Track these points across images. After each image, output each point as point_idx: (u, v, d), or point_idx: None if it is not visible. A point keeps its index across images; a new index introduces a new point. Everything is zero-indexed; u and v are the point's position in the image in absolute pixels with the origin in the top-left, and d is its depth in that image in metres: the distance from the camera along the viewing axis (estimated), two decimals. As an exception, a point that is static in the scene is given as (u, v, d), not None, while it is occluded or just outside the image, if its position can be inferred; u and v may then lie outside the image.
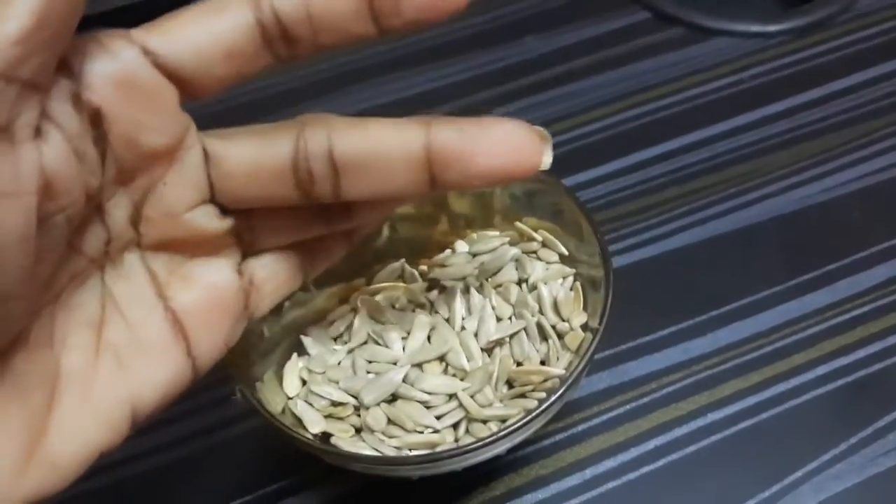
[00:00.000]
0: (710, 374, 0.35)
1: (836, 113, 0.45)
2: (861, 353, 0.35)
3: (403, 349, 0.31)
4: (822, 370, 0.35)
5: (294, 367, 0.31)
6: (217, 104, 0.48)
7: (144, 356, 0.22)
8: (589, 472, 0.33)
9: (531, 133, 0.24)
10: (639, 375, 0.35)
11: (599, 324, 0.28)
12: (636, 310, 0.36)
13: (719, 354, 0.35)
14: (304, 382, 0.31)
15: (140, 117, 0.20)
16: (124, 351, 0.21)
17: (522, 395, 0.29)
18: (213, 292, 0.23)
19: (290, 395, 0.30)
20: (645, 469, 0.33)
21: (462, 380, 0.30)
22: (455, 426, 0.29)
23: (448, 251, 0.34)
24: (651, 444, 0.33)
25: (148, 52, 0.20)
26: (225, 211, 0.23)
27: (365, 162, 0.23)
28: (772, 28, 0.49)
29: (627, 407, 0.34)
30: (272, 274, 0.25)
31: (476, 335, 0.31)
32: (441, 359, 0.30)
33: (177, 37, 0.20)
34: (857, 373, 0.34)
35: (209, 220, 0.23)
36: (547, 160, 0.24)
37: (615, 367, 0.35)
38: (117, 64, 0.20)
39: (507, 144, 0.23)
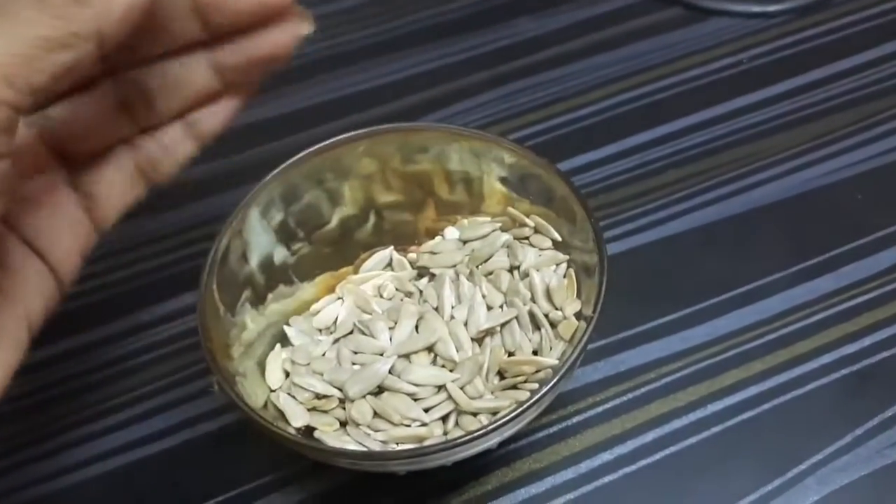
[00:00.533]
0: (709, 364, 0.34)
1: (838, 94, 0.43)
2: (867, 341, 0.34)
3: (390, 339, 0.30)
4: (826, 359, 0.33)
5: (277, 359, 0.30)
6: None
7: (17, 282, 0.24)
8: (584, 466, 0.32)
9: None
10: (636, 365, 0.34)
11: (594, 312, 0.27)
12: (633, 297, 0.35)
13: (719, 343, 0.34)
14: (287, 374, 0.30)
15: None
16: (7, 287, 0.24)
17: (514, 387, 0.28)
18: (52, 212, 0.25)
19: (273, 388, 0.29)
20: (642, 462, 0.31)
21: (451, 371, 0.29)
22: (444, 419, 0.28)
23: (438, 238, 0.33)
24: (649, 437, 0.32)
25: None
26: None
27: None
28: (772, 8, 0.47)
29: (624, 398, 0.33)
30: (109, 187, 0.27)
31: (466, 325, 0.30)
32: (429, 349, 0.29)
33: None
34: (863, 361, 0.33)
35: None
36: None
37: (611, 356, 0.34)
38: None
39: None
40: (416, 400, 0.28)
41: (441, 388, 0.28)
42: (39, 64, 0.20)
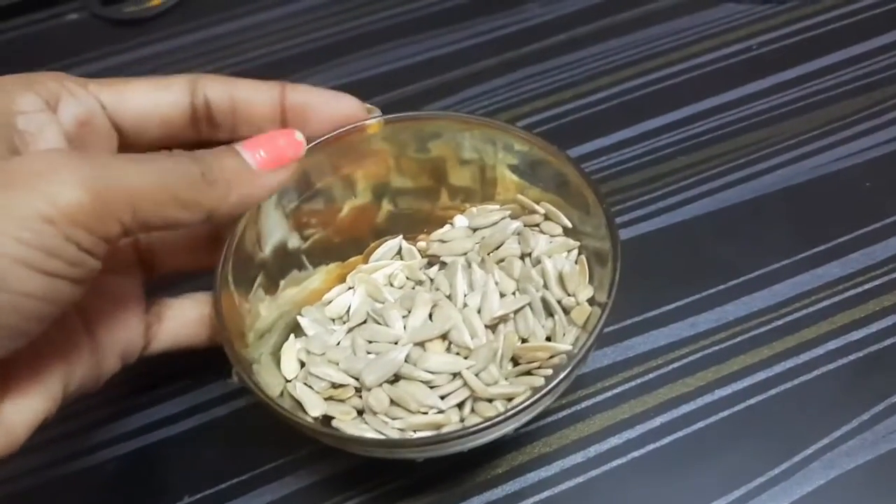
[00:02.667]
0: (718, 350, 0.34)
1: (848, 81, 0.43)
2: (874, 327, 0.34)
3: (404, 328, 0.30)
4: (833, 345, 0.34)
5: (292, 349, 0.30)
6: (230, 66, 0.48)
7: (69, 347, 0.26)
8: (593, 450, 0.32)
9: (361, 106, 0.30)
10: (645, 351, 0.34)
11: (608, 297, 0.27)
12: (642, 283, 0.35)
13: (728, 329, 0.35)
14: (302, 364, 0.30)
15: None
16: (57, 340, 0.25)
17: (528, 373, 0.28)
18: (115, 304, 0.28)
19: (289, 378, 0.29)
20: (651, 446, 0.32)
21: (466, 358, 0.29)
22: (460, 406, 0.28)
23: (447, 226, 0.33)
24: (657, 421, 0.32)
25: (102, 105, 0.27)
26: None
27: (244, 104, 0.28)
28: (782, -7, 0.47)
29: (633, 383, 0.33)
30: (179, 315, 0.30)
31: (479, 312, 0.30)
32: (444, 337, 0.29)
33: (126, 98, 0.27)
34: (870, 347, 0.34)
35: None
36: (371, 127, 0.30)
37: (620, 342, 0.35)
38: (82, 108, 0.26)
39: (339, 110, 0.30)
40: (432, 387, 0.28)
41: (456, 375, 0.28)
42: (162, 210, 0.23)
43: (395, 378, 0.29)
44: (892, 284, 0.35)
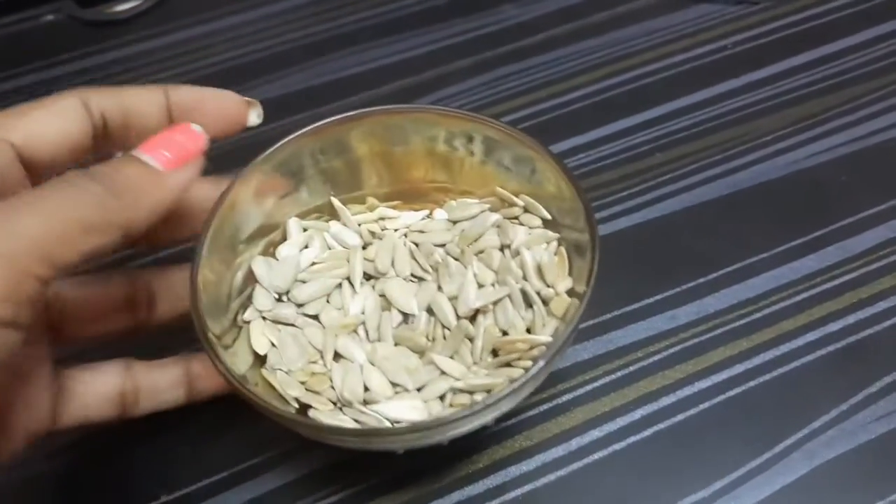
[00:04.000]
0: (697, 342, 0.34)
1: (821, 78, 0.44)
2: (851, 319, 0.34)
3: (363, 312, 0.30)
4: (811, 336, 0.34)
5: (259, 326, 0.30)
6: (207, 67, 0.48)
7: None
8: (574, 443, 0.32)
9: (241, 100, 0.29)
10: (624, 344, 0.34)
11: (587, 287, 0.27)
12: (622, 277, 0.36)
13: (707, 322, 0.35)
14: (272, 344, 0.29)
15: None
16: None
17: (508, 364, 0.28)
18: (19, 381, 0.25)
19: (261, 353, 0.29)
20: (631, 439, 0.32)
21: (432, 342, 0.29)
22: (441, 398, 0.28)
23: (426, 218, 0.33)
24: (637, 414, 0.32)
25: (13, 146, 0.24)
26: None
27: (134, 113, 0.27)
28: (756, -6, 0.48)
29: (613, 376, 0.33)
30: (87, 392, 0.27)
31: (456, 303, 0.30)
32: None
33: (35, 133, 0.25)
34: (847, 339, 0.34)
35: None
36: (251, 119, 0.29)
37: (600, 335, 0.35)
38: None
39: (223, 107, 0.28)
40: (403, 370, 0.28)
41: (429, 361, 0.28)
42: (74, 245, 0.21)
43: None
44: (868, 277, 0.36)
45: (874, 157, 0.40)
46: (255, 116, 0.29)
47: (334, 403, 0.28)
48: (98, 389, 0.28)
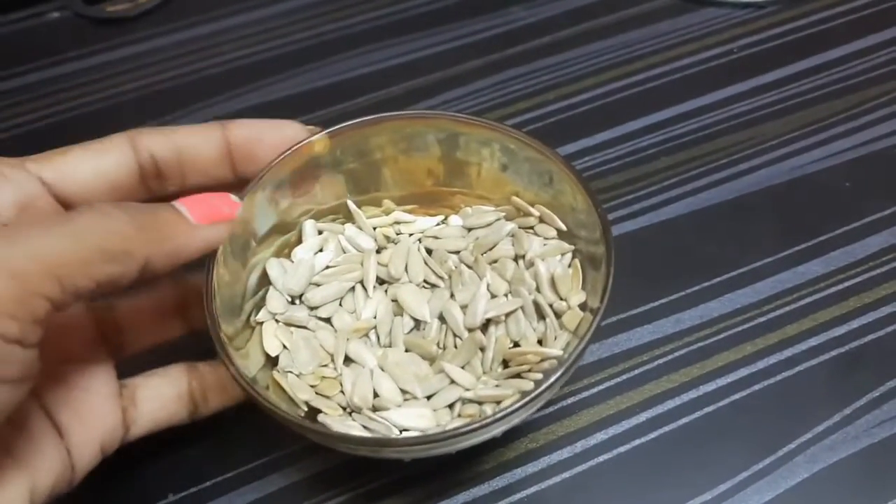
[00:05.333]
0: (702, 346, 0.34)
1: (827, 83, 0.44)
2: (855, 324, 0.35)
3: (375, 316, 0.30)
4: (815, 341, 0.34)
5: (271, 327, 0.30)
6: (214, 66, 0.48)
7: (31, 451, 0.24)
8: (580, 446, 0.32)
9: (303, 129, 0.29)
10: (630, 347, 0.35)
11: (601, 302, 0.26)
12: (627, 281, 0.35)
13: (711, 326, 0.35)
14: (284, 346, 0.30)
15: None
16: (14, 447, 0.24)
17: (518, 376, 0.28)
18: (85, 395, 0.26)
19: (272, 354, 0.29)
20: (636, 442, 0.32)
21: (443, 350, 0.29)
22: (450, 408, 0.28)
23: (441, 224, 0.33)
24: (642, 417, 0.33)
25: (44, 183, 0.25)
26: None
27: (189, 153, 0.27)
28: (762, -2, 0.48)
29: (618, 379, 0.34)
30: (155, 396, 0.28)
31: (465, 313, 0.30)
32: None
33: (68, 171, 0.25)
34: (851, 343, 0.34)
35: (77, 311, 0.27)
36: (316, 147, 0.29)
37: (606, 339, 0.35)
38: (20, 192, 0.25)
39: (284, 138, 0.29)
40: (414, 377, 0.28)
41: (433, 364, 0.28)
42: (90, 270, 0.21)
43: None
44: (872, 282, 0.36)
45: (879, 162, 0.40)
46: (318, 145, 0.29)
47: (344, 409, 0.28)
48: (165, 393, 0.28)
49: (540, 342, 0.29)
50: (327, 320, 0.30)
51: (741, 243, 0.37)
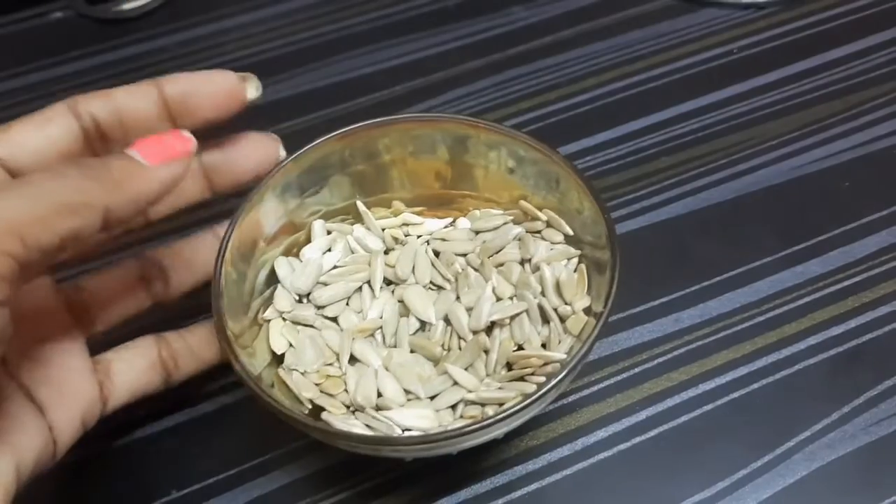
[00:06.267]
0: (701, 345, 0.35)
1: (826, 84, 0.44)
2: (853, 323, 0.35)
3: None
4: (814, 340, 0.34)
5: (277, 324, 0.30)
6: (217, 66, 0.48)
7: (13, 428, 0.25)
8: (580, 443, 0.32)
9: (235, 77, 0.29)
10: (630, 346, 0.35)
11: (604, 307, 0.27)
12: (627, 280, 0.35)
13: (711, 325, 0.35)
14: (290, 344, 0.30)
15: None
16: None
17: (521, 379, 0.28)
18: (62, 372, 0.27)
19: (278, 352, 0.29)
20: (636, 439, 0.32)
21: (448, 351, 0.29)
22: (453, 408, 0.28)
23: (449, 227, 0.33)
24: (642, 415, 0.33)
25: None
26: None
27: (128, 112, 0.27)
28: (762, -1, 0.48)
29: (618, 378, 0.34)
30: (127, 368, 0.29)
31: (470, 315, 0.30)
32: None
33: (16, 143, 0.26)
34: (850, 342, 0.34)
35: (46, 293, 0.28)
36: (250, 93, 0.29)
37: (606, 337, 0.35)
38: None
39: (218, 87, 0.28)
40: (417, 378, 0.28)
41: (443, 371, 0.29)
42: (50, 225, 0.21)
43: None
44: (871, 281, 0.36)
45: (878, 162, 0.41)
46: (253, 90, 0.29)
47: (347, 407, 0.28)
48: (137, 364, 0.29)
49: (544, 346, 0.29)
50: (334, 319, 0.30)
51: (740, 243, 0.38)
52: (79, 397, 0.27)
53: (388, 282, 0.31)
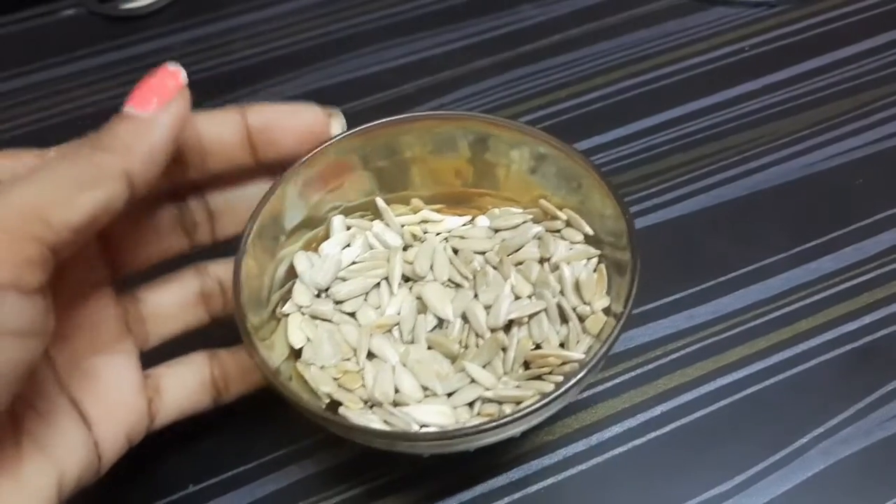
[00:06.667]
0: (715, 341, 0.35)
1: (837, 82, 0.44)
2: (867, 319, 0.35)
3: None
4: (828, 336, 0.34)
5: (296, 319, 0.30)
6: (226, 64, 0.48)
7: (59, 441, 0.24)
8: (595, 439, 0.32)
9: (322, 112, 0.29)
10: (644, 342, 0.35)
11: (624, 308, 0.26)
12: (640, 277, 0.36)
13: (725, 321, 0.35)
14: (308, 339, 0.30)
15: None
16: (41, 437, 0.24)
17: (538, 378, 0.28)
18: (112, 386, 0.27)
19: (296, 346, 0.29)
20: (651, 435, 0.32)
21: (465, 348, 0.29)
22: (470, 406, 0.28)
23: (468, 224, 0.33)
24: (657, 411, 0.33)
25: None
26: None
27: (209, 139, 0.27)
28: (771, -3, 0.48)
29: (633, 373, 0.34)
30: (179, 384, 0.29)
31: (488, 313, 0.30)
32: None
33: None
34: (863, 339, 0.34)
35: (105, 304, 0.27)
36: (334, 129, 0.29)
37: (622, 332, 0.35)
38: None
39: (303, 121, 0.28)
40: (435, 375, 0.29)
41: (456, 363, 0.29)
42: (74, 203, 0.22)
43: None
44: (884, 278, 0.36)
45: (889, 159, 0.41)
46: (337, 126, 0.29)
47: (365, 402, 0.28)
48: (189, 382, 0.29)
49: (562, 345, 0.29)
50: (352, 315, 0.30)
51: (752, 240, 0.38)
52: (127, 413, 0.27)
53: (406, 278, 0.31)
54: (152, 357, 0.29)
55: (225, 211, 0.29)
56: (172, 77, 0.25)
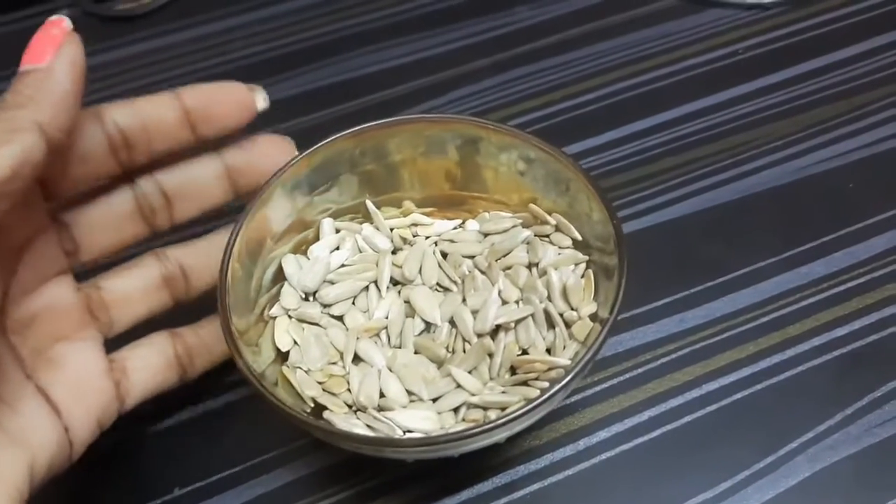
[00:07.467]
0: (705, 345, 0.35)
1: (831, 85, 0.44)
2: (857, 325, 0.35)
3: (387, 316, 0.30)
4: (817, 341, 0.34)
5: (283, 322, 0.30)
6: (223, 64, 0.48)
7: (27, 429, 0.25)
8: (582, 443, 0.32)
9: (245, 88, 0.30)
10: (633, 346, 0.35)
11: (610, 314, 0.26)
12: (631, 280, 0.35)
13: (715, 325, 0.35)
14: (294, 342, 0.30)
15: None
16: (10, 426, 0.24)
17: (525, 383, 0.28)
18: (78, 373, 0.27)
19: (283, 350, 0.30)
20: (639, 440, 0.32)
21: (452, 353, 0.29)
22: (455, 411, 0.28)
23: (458, 228, 0.33)
24: (645, 415, 0.33)
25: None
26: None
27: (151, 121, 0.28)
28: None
29: (622, 378, 0.34)
30: (144, 365, 0.29)
31: (475, 318, 0.30)
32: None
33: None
34: (853, 344, 0.34)
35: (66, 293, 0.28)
36: (259, 103, 0.30)
37: (609, 337, 0.35)
38: None
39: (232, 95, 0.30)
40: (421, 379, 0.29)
41: (447, 373, 0.29)
42: None
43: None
44: (875, 283, 0.36)
45: (883, 163, 0.40)
46: (261, 101, 0.30)
47: (349, 407, 0.28)
48: (154, 361, 0.30)
49: (549, 351, 0.29)
50: (339, 318, 0.30)
51: (745, 243, 0.38)
52: (95, 398, 0.27)
53: (394, 282, 0.31)
54: (116, 342, 0.30)
55: (180, 194, 0.30)
56: (56, 26, 0.26)
